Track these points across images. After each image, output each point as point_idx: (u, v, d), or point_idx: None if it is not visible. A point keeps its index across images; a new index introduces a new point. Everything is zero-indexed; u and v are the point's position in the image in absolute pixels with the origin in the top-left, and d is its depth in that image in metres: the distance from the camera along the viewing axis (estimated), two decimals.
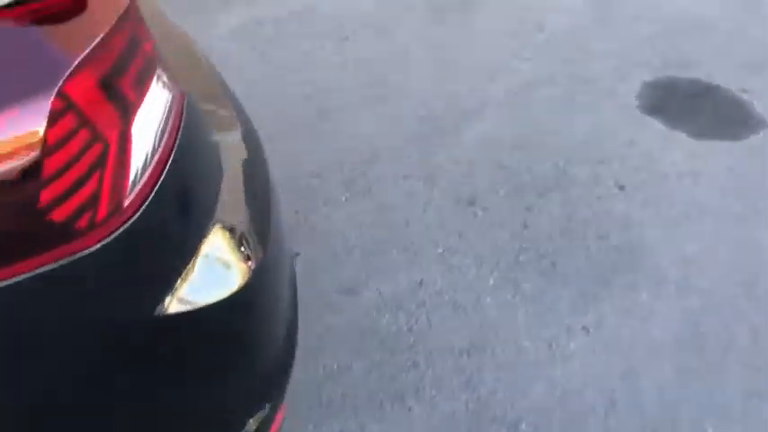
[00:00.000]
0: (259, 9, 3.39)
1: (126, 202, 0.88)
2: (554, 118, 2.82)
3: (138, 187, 0.90)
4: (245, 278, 1.21)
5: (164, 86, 1.02)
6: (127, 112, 0.89)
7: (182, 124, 1.05)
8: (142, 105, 0.92)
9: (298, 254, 2.30)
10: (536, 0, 3.45)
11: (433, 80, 3.01)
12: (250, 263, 1.25)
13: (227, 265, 1.20)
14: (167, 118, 1.01)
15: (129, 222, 0.87)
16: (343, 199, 2.50)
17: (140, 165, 0.91)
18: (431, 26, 3.32)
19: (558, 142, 2.70)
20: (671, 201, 2.45)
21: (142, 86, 0.92)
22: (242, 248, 1.27)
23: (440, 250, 2.30)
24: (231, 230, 1.23)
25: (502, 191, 2.50)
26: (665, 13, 3.38)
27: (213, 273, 1.14)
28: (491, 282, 2.19)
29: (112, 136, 0.86)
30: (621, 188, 2.49)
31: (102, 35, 0.85)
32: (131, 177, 0.89)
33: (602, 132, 2.74)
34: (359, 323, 2.08)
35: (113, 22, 0.88)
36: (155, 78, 0.97)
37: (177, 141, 1.03)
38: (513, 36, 3.24)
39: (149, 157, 0.94)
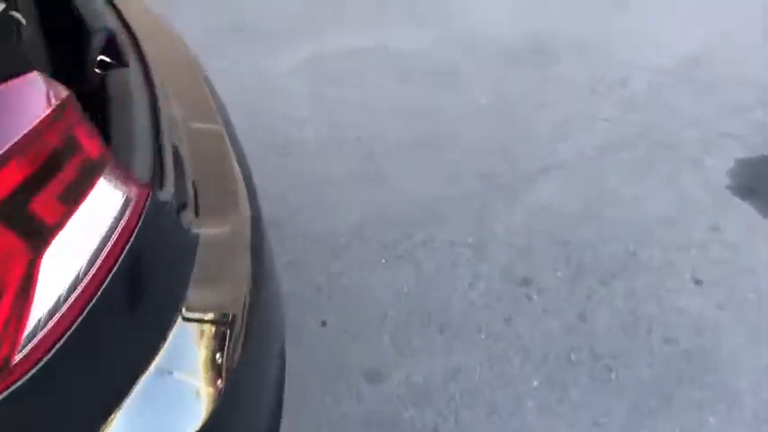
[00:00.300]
0: (325, 45, 3.19)
1: (17, 358, 0.67)
2: (628, 189, 2.53)
3: (44, 332, 0.70)
4: (212, 407, 1.00)
5: (115, 188, 0.82)
6: (38, 239, 0.69)
7: (137, 228, 0.85)
8: (67, 225, 0.72)
9: (324, 323, 2.09)
10: (621, 53, 3.15)
11: (498, 133, 2.76)
12: (220, 382, 1.03)
13: (185, 393, 0.98)
14: (112, 228, 0.80)
15: (19, 384, 0.67)
16: (383, 261, 2.28)
17: (52, 302, 0.71)
18: (502, 73, 3.07)
19: (631, 219, 2.41)
20: (756, 304, 2.13)
21: (71, 202, 0.72)
22: (212, 362, 1.06)
23: (482, 336, 2.05)
24: (196, 343, 1.03)
25: (560, 272, 2.23)
26: (765, 80, 3.04)
27: (163, 407, 0.93)
28: (535, 382, 1.92)
29: (11, 273, 0.66)
30: (698, 282, 2.19)
31: (6, 147, 0.65)
32: (32, 323, 0.68)
33: (682, 212, 2.43)
34: (379, 415, 1.85)
35: (34, 127, 0.68)
36: (97, 185, 0.77)
37: (125, 252, 0.82)
38: (591, 91, 2.96)
39: (70, 287, 0.74)
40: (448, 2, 3.45)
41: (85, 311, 0.73)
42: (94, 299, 0.74)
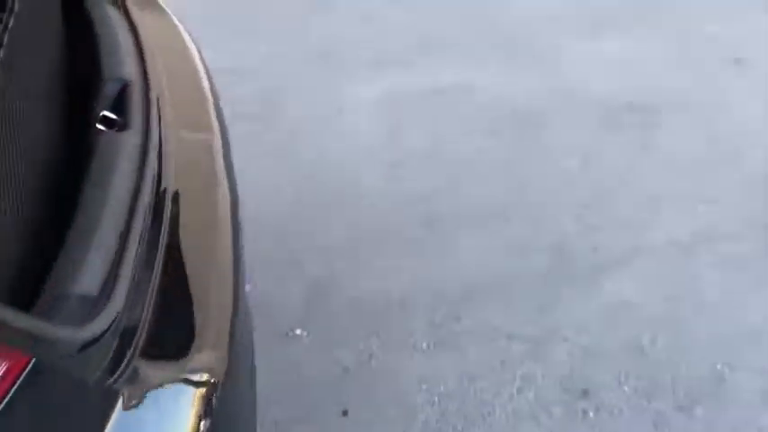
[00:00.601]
0: (409, 79, 2.92)
1: None
2: (725, 291, 2.14)
3: None
4: None
5: None
6: None
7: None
8: None
9: (345, 412, 1.83)
10: (736, 120, 2.74)
11: (579, 205, 2.42)
12: None
13: None
14: None
15: None
16: (424, 346, 2.00)
17: None
18: (595, 132, 2.72)
19: (723, 329, 2.03)
20: None
21: None
22: None
23: None
24: None
25: (628, 386, 1.88)
26: None
27: None
28: None
29: None
30: None
31: None
32: None
33: None
34: None
35: None
36: None
37: None
38: (697, 166, 2.57)
39: None
40: (552, 49, 3.12)
41: None
42: None
